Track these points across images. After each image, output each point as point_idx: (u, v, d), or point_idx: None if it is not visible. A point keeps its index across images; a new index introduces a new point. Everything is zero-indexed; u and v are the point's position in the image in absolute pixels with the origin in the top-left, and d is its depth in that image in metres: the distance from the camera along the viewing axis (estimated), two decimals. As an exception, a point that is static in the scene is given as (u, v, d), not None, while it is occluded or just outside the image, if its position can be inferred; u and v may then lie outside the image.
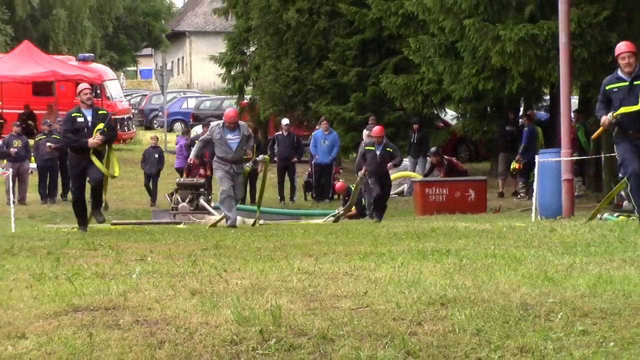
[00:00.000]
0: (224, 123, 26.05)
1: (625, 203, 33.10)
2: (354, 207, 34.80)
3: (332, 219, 35.84)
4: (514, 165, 43.22)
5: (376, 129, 32.90)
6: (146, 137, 57.63)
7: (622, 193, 34.15)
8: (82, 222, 25.49)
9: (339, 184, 42.69)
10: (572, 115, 37.75)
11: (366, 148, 36.38)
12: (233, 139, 25.79)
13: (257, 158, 29.70)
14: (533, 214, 29.85)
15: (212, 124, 31.24)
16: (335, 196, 43.83)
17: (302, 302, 10.21)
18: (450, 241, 17.09)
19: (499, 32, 36.90)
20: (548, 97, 45.28)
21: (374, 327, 9.20)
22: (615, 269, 12.15)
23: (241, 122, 27.74)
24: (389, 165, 34.64)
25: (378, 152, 33.27)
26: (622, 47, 21.65)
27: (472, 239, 17.67)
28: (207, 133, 27.87)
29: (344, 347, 8.73)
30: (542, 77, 38.15)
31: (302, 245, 17.12)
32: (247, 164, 27.22)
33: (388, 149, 34.30)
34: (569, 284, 11.03)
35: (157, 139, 54.61)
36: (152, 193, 49.65)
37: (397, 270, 12.27)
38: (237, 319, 9.40)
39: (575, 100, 38.46)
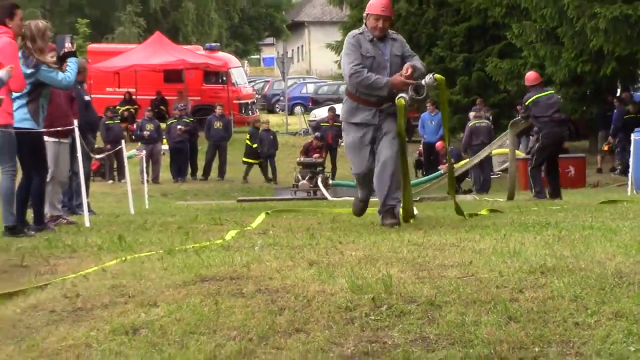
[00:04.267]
0: None
1: None
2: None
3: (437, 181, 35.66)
4: (604, 147, 43.15)
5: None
6: (265, 120, 57.48)
7: None
8: None
9: (438, 143, 42.44)
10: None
11: (472, 124, 36.38)
12: None
13: None
14: (629, 189, 29.62)
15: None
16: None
17: (411, 272, 10.21)
18: (550, 214, 17.01)
19: (595, 10, 36.69)
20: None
21: (478, 294, 9.18)
22: None
23: None
24: None
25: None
26: None
27: (571, 212, 17.55)
28: None
29: (450, 312, 8.71)
30: (637, 58, 37.78)
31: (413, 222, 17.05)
32: None
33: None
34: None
35: (269, 122, 54.64)
36: (273, 172, 49.74)
37: (500, 241, 12.24)
38: (351, 287, 9.41)
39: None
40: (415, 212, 15.71)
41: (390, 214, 11.31)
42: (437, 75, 11.74)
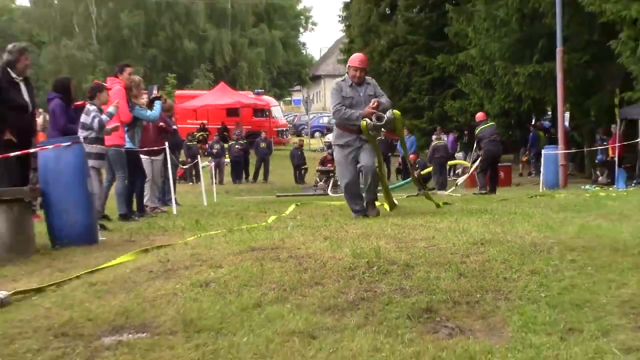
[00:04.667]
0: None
1: (600, 178, 32.94)
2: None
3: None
4: (523, 158, 43.89)
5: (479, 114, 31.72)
6: (295, 141, 57.84)
7: (598, 172, 34.12)
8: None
9: (412, 155, 42.54)
10: (567, 124, 37.37)
11: (434, 144, 36.56)
12: None
13: None
14: (541, 187, 29.70)
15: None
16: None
17: (393, 243, 10.24)
18: (487, 204, 17.18)
19: (516, 69, 36.82)
20: (550, 112, 44.62)
21: (439, 258, 9.23)
22: (592, 220, 12.09)
23: None
24: None
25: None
26: None
27: (501, 203, 17.69)
28: None
29: (420, 271, 8.74)
30: (545, 99, 37.95)
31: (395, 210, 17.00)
32: None
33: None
34: (562, 230, 10.98)
35: (302, 142, 55.02)
36: (300, 177, 50.21)
37: (453, 222, 12.33)
38: (352, 254, 9.44)
39: (567, 114, 38.10)
40: (396, 202, 15.76)
41: (372, 206, 11.35)
42: (395, 111, 12.04)
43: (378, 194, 13.53)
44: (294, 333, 7.32)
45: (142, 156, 18.50)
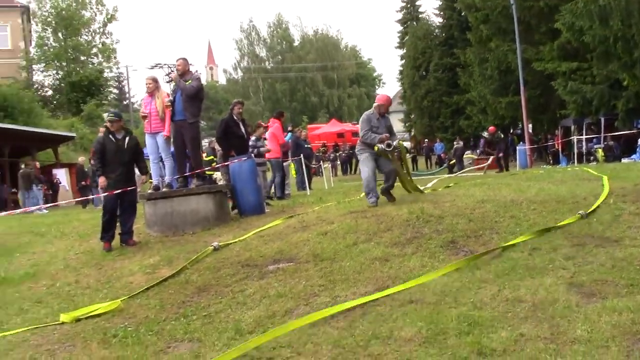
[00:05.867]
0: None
1: (550, 161, 32.33)
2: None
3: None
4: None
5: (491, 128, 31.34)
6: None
7: (550, 158, 33.51)
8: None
9: (443, 154, 41.95)
10: (530, 131, 36.63)
11: (455, 146, 35.78)
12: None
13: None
14: (517, 168, 29.06)
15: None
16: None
17: (431, 204, 9.96)
18: (484, 180, 16.74)
19: (500, 100, 36.71)
20: (520, 125, 43.52)
21: (457, 211, 9.06)
22: (545, 185, 11.78)
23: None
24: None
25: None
26: None
27: (493, 178, 17.18)
28: None
29: (447, 220, 8.62)
30: (516, 117, 37.13)
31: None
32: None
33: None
34: (528, 192, 10.70)
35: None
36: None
37: (465, 191, 11.92)
38: (408, 212, 9.27)
39: (530, 126, 37.34)
40: (420, 188, 14.85)
41: (389, 194, 10.92)
42: (400, 142, 11.47)
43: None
44: (376, 259, 7.33)
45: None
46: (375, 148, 10.79)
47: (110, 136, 10.75)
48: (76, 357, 5.61)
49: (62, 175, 31.23)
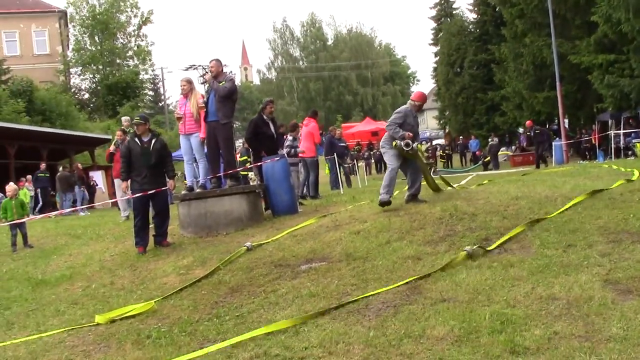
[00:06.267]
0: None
1: (587, 157, 31.93)
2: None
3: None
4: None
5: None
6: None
7: (586, 153, 33.05)
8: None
9: (478, 151, 41.49)
10: (567, 126, 36.18)
11: (490, 143, 35.40)
12: None
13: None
14: (553, 164, 28.72)
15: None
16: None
17: (464, 202, 9.92)
18: (518, 176, 16.57)
19: (536, 95, 36.05)
20: (556, 120, 42.86)
21: (491, 209, 8.98)
22: (581, 181, 11.66)
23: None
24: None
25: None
26: None
27: (530, 175, 17.02)
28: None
29: (480, 217, 8.55)
30: (552, 113, 36.69)
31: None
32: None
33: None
34: (563, 187, 10.61)
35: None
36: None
37: (500, 187, 11.87)
38: (441, 210, 9.22)
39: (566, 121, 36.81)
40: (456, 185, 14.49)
41: (417, 198, 10.55)
42: (419, 145, 10.86)
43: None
44: (408, 257, 7.29)
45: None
46: (394, 143, 10.37)
47: (136, 139, 10.73)
48: (111, 357, 5.66)
49: (98, 178, 31.67)
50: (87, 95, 59.70)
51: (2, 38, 49.73)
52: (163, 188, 10.84)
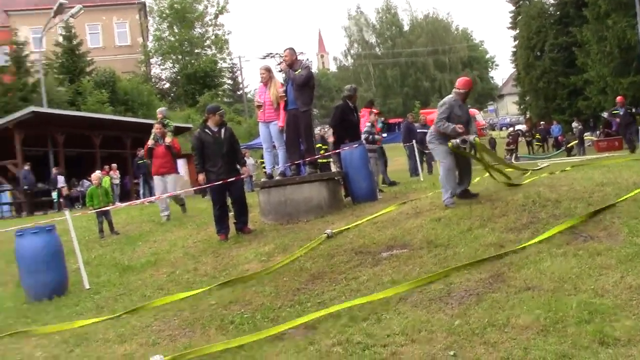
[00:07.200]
0: None
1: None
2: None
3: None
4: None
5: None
6: (491, 134, 55.65)
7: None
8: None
9: (560, 137, 40.19)
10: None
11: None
12: None
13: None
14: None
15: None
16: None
17: (547, 188, 9.66)
18: (600, 163, 16.07)
19: (621, 80, 34.88)
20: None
21: (575, 195, 8.75)
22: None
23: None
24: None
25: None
26: None
27: (613, 159, 16.48)
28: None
29: (564, 204, 8.35)
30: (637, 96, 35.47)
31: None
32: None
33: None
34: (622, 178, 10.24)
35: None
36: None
37: (584, 173, 11.47)
38: (524, 196, 9.04)
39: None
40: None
41: (469, 194, 10.09)
42: (476, 139, 10.22)
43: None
44: (490, 244, 7.21)
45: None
46: (449, 144, 9.81)
47: (207, 130, 10.68)
48: (195, 342, 5.78)
49: (180, 166, 32.20)
50: (167, 85, 60.95)
51: (85, 31, 50.96)
52: (241, 176, 10.95)
